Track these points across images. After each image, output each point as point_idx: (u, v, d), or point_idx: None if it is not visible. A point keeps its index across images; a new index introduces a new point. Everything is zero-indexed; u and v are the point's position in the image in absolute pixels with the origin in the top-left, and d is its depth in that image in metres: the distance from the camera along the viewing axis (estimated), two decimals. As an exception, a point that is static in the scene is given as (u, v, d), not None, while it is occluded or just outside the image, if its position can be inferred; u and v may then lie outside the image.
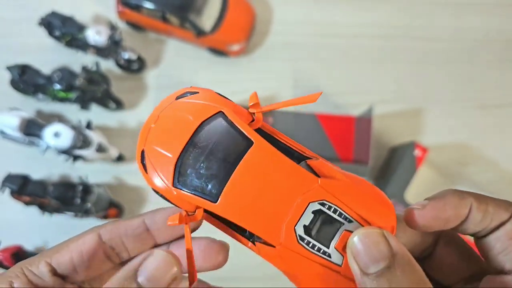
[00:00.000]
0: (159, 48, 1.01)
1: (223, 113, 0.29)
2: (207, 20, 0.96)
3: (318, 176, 0.29)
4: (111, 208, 0.89)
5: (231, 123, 0.29)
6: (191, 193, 0.27)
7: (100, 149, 0.88)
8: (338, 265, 0.27)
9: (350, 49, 1.02)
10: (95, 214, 0.87)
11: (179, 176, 0.28)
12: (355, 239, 0.26)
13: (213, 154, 0.28)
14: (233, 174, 0.28)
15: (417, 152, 0.85)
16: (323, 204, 0.28)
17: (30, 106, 0.94)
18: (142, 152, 0.29)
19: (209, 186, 0.28)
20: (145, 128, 0.29)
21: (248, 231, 0.28)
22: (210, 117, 0.29)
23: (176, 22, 0.94)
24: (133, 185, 0.94)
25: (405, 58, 1.02)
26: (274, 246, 0.28)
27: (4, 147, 0.91)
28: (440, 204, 0.29)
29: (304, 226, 0.28)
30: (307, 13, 1.04)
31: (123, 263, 0.33)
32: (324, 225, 0.28)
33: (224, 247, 0.32)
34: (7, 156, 0.92)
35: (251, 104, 0.30)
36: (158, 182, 0.28)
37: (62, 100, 0.91)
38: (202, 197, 0.27)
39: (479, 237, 0.30)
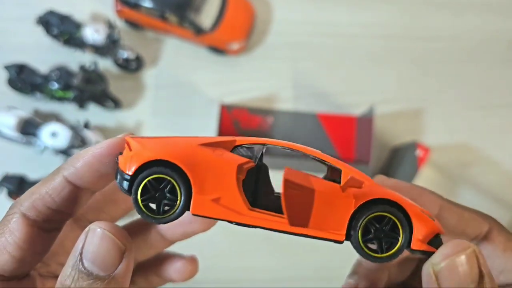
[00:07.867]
0: (157, 47, 1.00)
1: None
2: (206, 18, 0.95)
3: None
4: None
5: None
6: None
7: (98, 149, 0.87)
8: None
9: (351, 49, 1.01)
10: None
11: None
12: (443, 265, 0.23)
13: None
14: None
15: (419, 152, 0.84)
16: None
17: (27, 105, 0.93)
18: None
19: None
20: None
21: None
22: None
23: (175, 21, 0.93)
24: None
25: (406, 57, 1.01)
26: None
27: (1, 147, 0.90)
28: (411, 186, 0.29)
29: None
30: (307, 12, 1.03)
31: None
32: None
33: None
34: (4, 156, 0.91)
35: None
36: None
37: (60, 99, 0.90)
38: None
39: None
